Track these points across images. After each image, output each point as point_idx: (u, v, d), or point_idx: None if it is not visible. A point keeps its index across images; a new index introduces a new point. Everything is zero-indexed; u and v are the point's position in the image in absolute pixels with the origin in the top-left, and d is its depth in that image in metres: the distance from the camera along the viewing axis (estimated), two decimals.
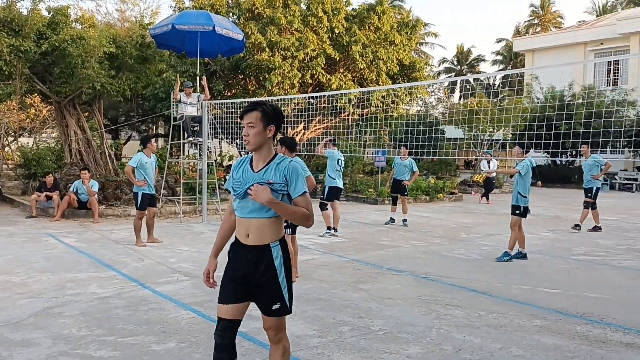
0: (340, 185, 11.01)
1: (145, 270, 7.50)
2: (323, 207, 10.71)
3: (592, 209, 12.08)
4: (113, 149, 19.63)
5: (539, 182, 17.54)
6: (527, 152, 9.47)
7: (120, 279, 6.96)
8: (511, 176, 9.61)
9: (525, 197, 8.64)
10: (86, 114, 16.44)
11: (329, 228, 10.74)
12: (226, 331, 3.31)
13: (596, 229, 12.00)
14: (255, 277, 3.24)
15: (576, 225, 12.08)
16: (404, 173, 12.55)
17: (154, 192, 9.57)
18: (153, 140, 9.83)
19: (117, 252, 8.76)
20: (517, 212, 8.70)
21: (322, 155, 21.32)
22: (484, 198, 18.65)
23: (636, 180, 26.23)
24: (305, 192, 3.22)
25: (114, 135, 27.99)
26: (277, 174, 3.20)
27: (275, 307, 3.29)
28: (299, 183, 3.21)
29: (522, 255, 8.82)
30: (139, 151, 9.72)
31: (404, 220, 12.36)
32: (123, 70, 14.66)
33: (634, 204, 19.39)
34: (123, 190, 13.65)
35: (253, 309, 5.66)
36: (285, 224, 6.93)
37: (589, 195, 12.09)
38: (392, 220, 12.63)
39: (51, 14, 13.46)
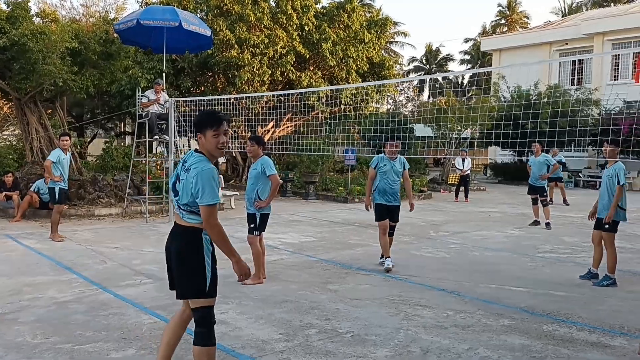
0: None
1: (107, 272, 7.27)
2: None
3: (534, 203, 12.69)
4: (78, 146, 19.14)
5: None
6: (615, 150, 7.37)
7: (81, 283, 6.73)
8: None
9: (624, 210, 7.09)
10: (49, 110, 15.97)
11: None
12: None
13: (536, 223, 12.54)
14: None
15: (547, 224, 12.26)
16: None
17: (67, 188, 10.00)
18: (64, 137, 10.06)
19: (79, 254, 8.49)
20: (607, 226, 7.07)
21: (293, 154, 21.16)
22: (462, 196, 18.62)
23: (599, 177, 26.79)
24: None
25: (79, 132, 27.32)
26: None
27: None
28: None
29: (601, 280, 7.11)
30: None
31: None
32: (86, 66, 14.27)
33: None
34: (87, 190, 13.30)
35: (218, 312, 5.54)
36: (252, 225, 6.86)
37: (545, 194, 12.62)
38: None
39: (10, 7, 13.00)
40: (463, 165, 18.67)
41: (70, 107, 20.62)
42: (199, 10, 21.04)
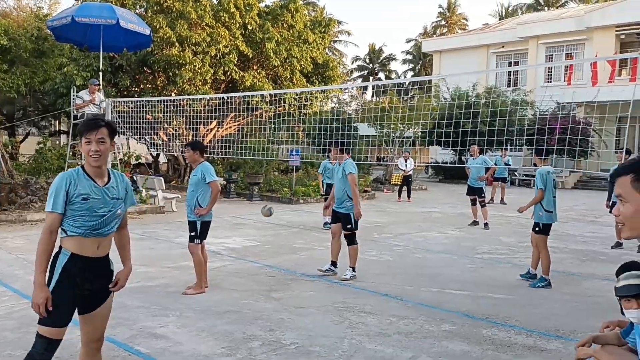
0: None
1: None
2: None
3: (472, 204, 13.11)
4: (9, 147, 18.22)
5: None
6: (545, 159, 7.76)
7: (11, 296, 6.38)
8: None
9: (551, 212, 7.36)
10: None
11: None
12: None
13: (475, 223, 12.95)
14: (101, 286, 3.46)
15: (485, 224, 12.62)
16: None
17: None
18: None
19: (10, 263, 8.06)
20: (537, 229, 7.45)
21: (236, 158, 20.90)
22: (405, 196, 18.94)
23: (534, 176, 27.84)
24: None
25: (10, 132, 26.04)
26: (121, 187, 3.41)
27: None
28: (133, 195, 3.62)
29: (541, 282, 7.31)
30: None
31: None
32: (17, 64, 13.61)
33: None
34: (18, 194, 12.66)
35: (157, 325, 5.37)
36: (193, 233, 6.69)
37: (483, 195, 12.98)
38: None
39: None
40: (405, 166, 18.99)
41: (0, 106, 19.61)
42: (138, 6, 20.44)
